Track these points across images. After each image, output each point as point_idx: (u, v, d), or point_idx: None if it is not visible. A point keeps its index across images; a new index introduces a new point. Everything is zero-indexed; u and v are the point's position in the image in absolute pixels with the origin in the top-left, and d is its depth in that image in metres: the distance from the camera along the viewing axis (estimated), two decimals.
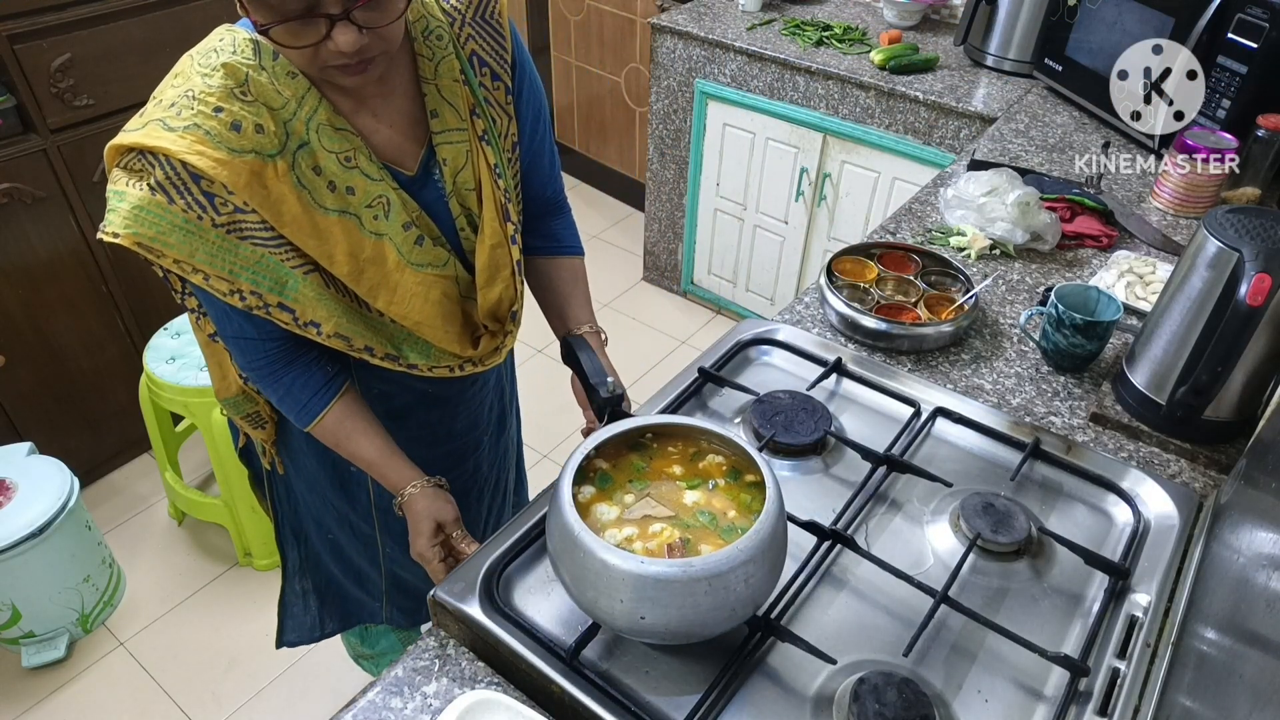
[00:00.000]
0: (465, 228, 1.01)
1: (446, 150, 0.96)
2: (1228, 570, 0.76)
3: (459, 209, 1.00)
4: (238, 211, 0.85)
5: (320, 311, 0.93)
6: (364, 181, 0.90)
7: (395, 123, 0.94)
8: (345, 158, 0.89)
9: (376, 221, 0.92)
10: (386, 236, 0.93)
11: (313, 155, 0.87)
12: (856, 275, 1.32)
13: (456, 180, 0.98)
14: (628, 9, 3.11)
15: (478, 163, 0.98)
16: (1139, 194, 1.66)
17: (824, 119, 2.33)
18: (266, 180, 0.85)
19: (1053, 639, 0.84)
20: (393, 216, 0.93)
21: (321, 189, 0.88)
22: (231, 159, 0.83)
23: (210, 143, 0.82)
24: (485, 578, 0.86)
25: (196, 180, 0.83)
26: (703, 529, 0.79)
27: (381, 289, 0.95)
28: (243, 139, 0.83)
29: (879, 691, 0.75)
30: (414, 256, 0.96)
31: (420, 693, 0.80)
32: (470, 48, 0.96)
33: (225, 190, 0.83)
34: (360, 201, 0.91)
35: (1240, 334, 0.95)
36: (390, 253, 0.94)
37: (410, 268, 0.96)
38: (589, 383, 1.04)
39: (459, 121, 0.96)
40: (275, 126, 0.85)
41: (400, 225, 0.94)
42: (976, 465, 1.04)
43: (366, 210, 0.91)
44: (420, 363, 1.04)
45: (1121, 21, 1.78)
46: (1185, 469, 1.06)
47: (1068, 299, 1.17)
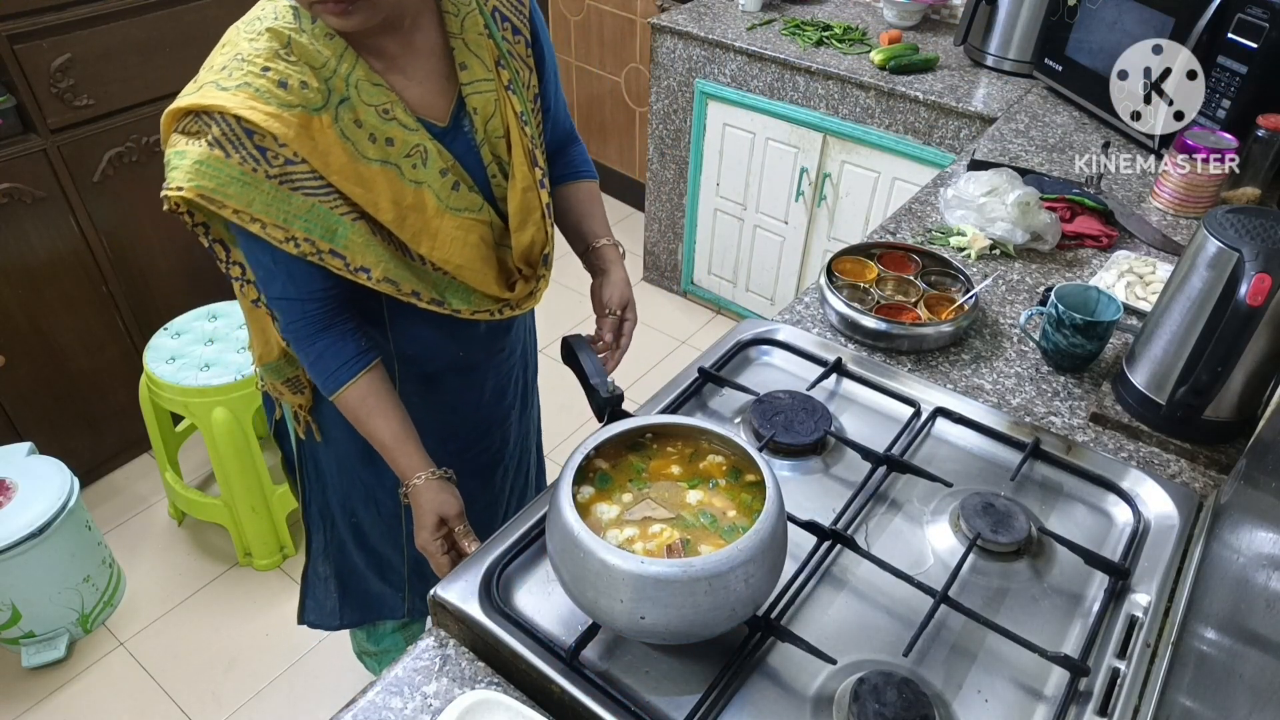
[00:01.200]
0: (497, 174, 1.06)
1: (476, 100, 1.01)
2: (1228, 570, 0.76)
3: (490, 156, 1.04)
4: (288, 163, 0.90)
5: (370, 257, 0.98)
6: (402, 132, 0.95)
7: (426, 79, 0.99)
8: (383, 110, 0.94)
9: (415, 170, 0.97)
10: (425, 184, 0.98)
11: (353, 109, 0.93)
12: (856, 275, 1.32)
13: (487, 128, 1.03)
14: (628, 9, 3.11)
15: (505, 111, 1.03)
16: (1139, 194, 1.66)
17: (824, 119, 2.33)
18: (313, 132, 0.91)
19: (1053, 639, 0.84)
20: (430, 165, 0.98)
21: (363, 140, 0.94)
22: (281, 113, 0.88)
23: (260, 99, 0.88)
24: (485, 578, 0.86)
25: (250, 135, 0.88)
26: (703, 529, 0.79)
27: (424, 235, 1.00)
28: (290, 95, 0.89)
29: (879, 691, 0.75)
30: (452, 202, 1.01)
31: (420, 693, 0.80)
32: (492, 4, 1.03)
33: (276, 143, 0.89)
34: (399, 152, 0.96)
35: (1240, 334, 0.95)
36: (430, 199, 0.99)
37: (449, 213, 1.01)
38: (589, 383, 1.04)
39: (486, 73, 1.02)
40: (318, 83, 0.91)
41: (438, 172, 0.99)
42: (976, 465, 1.04)
43: (405, 160, 0.96)
44: (463, 307, 1.08)
45: (1121, 21, 1.78)
46: (1185, 469, 1.06)
47: (1068, 299, 1.17)
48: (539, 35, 1.08)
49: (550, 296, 3.56)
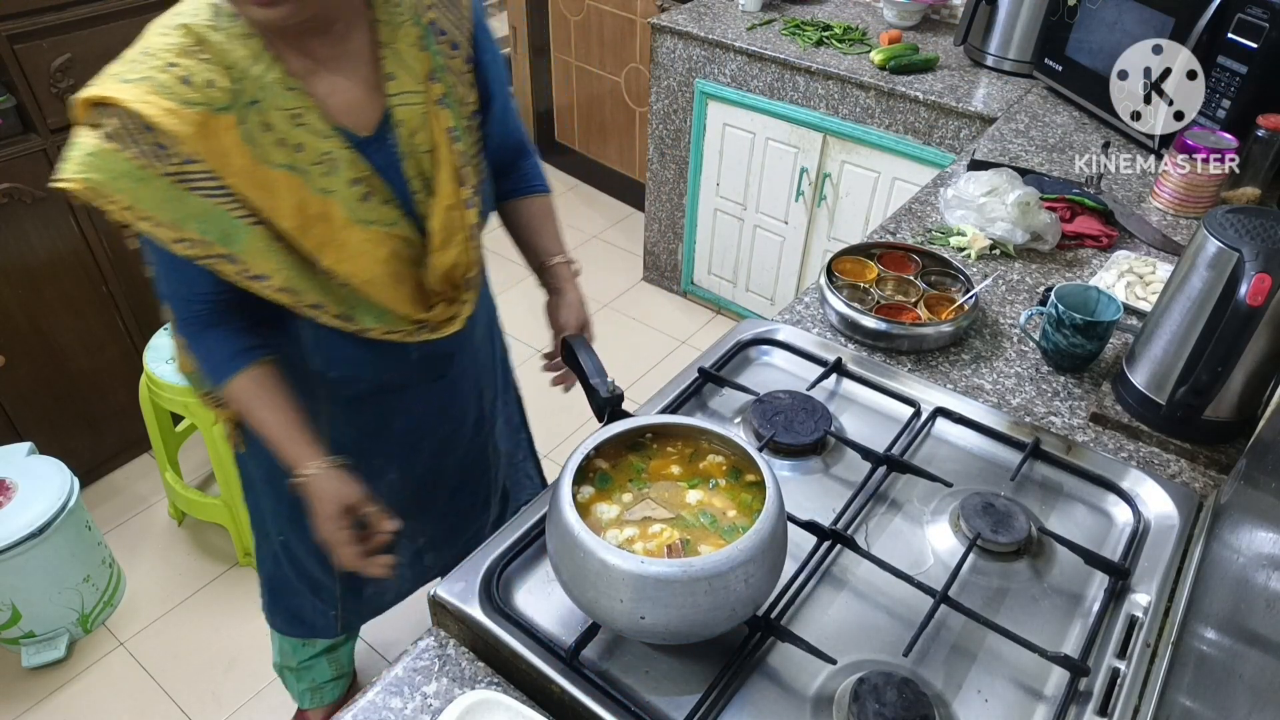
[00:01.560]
0: (419, 190, 1.02)
1: (402, 112, 0.98)
2: (1228, 570, 0.76)
3: (414, 170, 1.01)
4: (186, 162, 0.87)
5: (269, 263, 0.95)
6: (312, 139, 0.93)
7: (352, 86, 0.96)
8: (294, 115, 0.91)
9: (324, 179, 0.94)
10: (334, 194, 0.95)
11: (263, 112, 0.90)
12: (856, 275, 1.32)
13: (412, 142, 0.99)
14: (628, 9, 3.11)
15: (434, 126, 1.00)
16: (1139, 194, 1.66)
17: (824, 119, 2.33)
18: (213, 132, 0.87)
19: (1053, 639, 0.84)
20: (339, 174, 0.95)
21: (270, 144, 0.91)
22: (179, 109, 0.85)
23: (160, 94, 0.85)
24: (485, 578, 0.86)
25: (148, 130, 0.86)
26: (703, 529, 0.79)
27: (329, 245, 0.97)
28: (192, 92, 0.86)
29: (879, 691, 0.75)
30: (361, 213, 0.97)
31: (420, 693, 0.80)
32: (430, 16, 1.00)
33: (173, 141, 0.86)
34: (308, 158, 0.93)
35: (1240, 334, 0.95)
36: (337, 209, 0.95)
37: (357, 225, 0.97)
38: (589, 383, 1.04)
39: (416, 84, 0.99)
40: (228, 83, 0.88)
41: (347, 182, 0.95)
42: (976, 465, 1.04)
43: (315, 167, 0.93)
44: (374, 325, 1.05)
45: (1121, 21, 1.78)
46: (1185, 469, 1.06)
47: (1068, 299, 1.17)
48: (482, 50, 1.05)
49: None
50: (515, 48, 3.68)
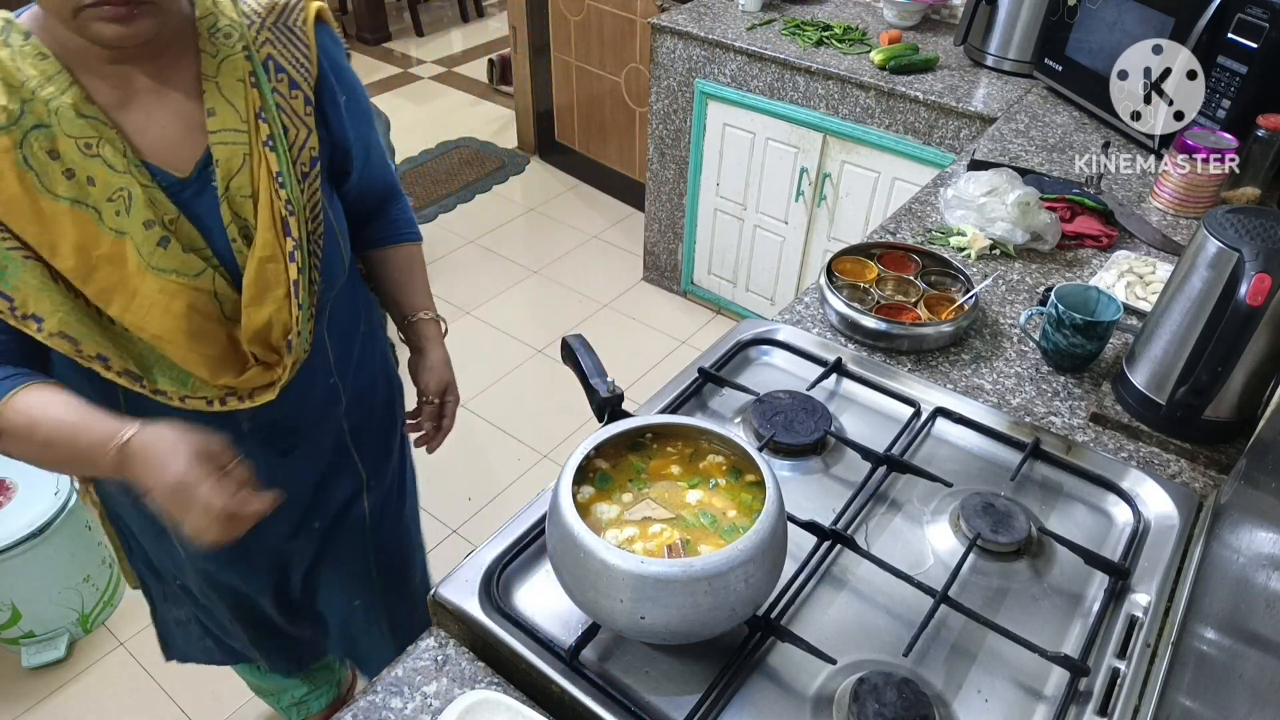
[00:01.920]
0: (238, 238, 0.92)
1: (220, 150, 0.90)
2: (1228, 570, 0.76)
3: (230, 216, 0.91)
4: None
5: (44, 304, 0.85)
6: (106, 172, 0.84)
7: (171, 120, 0.89)
8: (86, 144, 0.83)
9: (119, 218, 0.85)
10: (128, 235, 0.85)
11: (50, 138, 0.82)
12: (856, 275, 1.32)
13: (230, 185, 0.90)
14: (628, 9, 3.11)
15: (257, 169, 0.91)
16: (1139, 194, 1.66)
17: (824, 119, 2.33)
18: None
19: (1053, 639, 0.84)
20: (134, 213, 0.85)
21: (55, 174, 0.82)
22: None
23: None
24: (485, 578, 0.86)
25: None
26: (703, 529, 0.79)
27: (117, 293, 0.87)
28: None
29: (879, 691, 0.75)
30: (156, 260, 0.87)
31: (420, 693, 0.80)
32: (266, 52, 0.92)
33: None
34: (101, 194, 0.84)
35: (1240, 334, 0.95)
36: (130, 253, 0.86)
37: (151, 272, 0.87)
38: (589, 383, 1.04)
39: (239, 123, 0.90)
40: (10, 104, 0.80)
41: (141, 224, 0.86)
42: (976, 465, 1.04)
43: (108, 204, 0.84)
44: (170, 389, 0.94)
45: (1121, 21, 1.78)
46: (1185, 469, 1.06)
47: (1068, 299, 1.17)
48: (332, 91, 0.97)
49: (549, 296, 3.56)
50: (515, 48, 3.68)
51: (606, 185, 3.69)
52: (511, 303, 3.12)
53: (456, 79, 4.84)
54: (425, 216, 3.54)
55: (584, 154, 3.69)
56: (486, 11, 5.71)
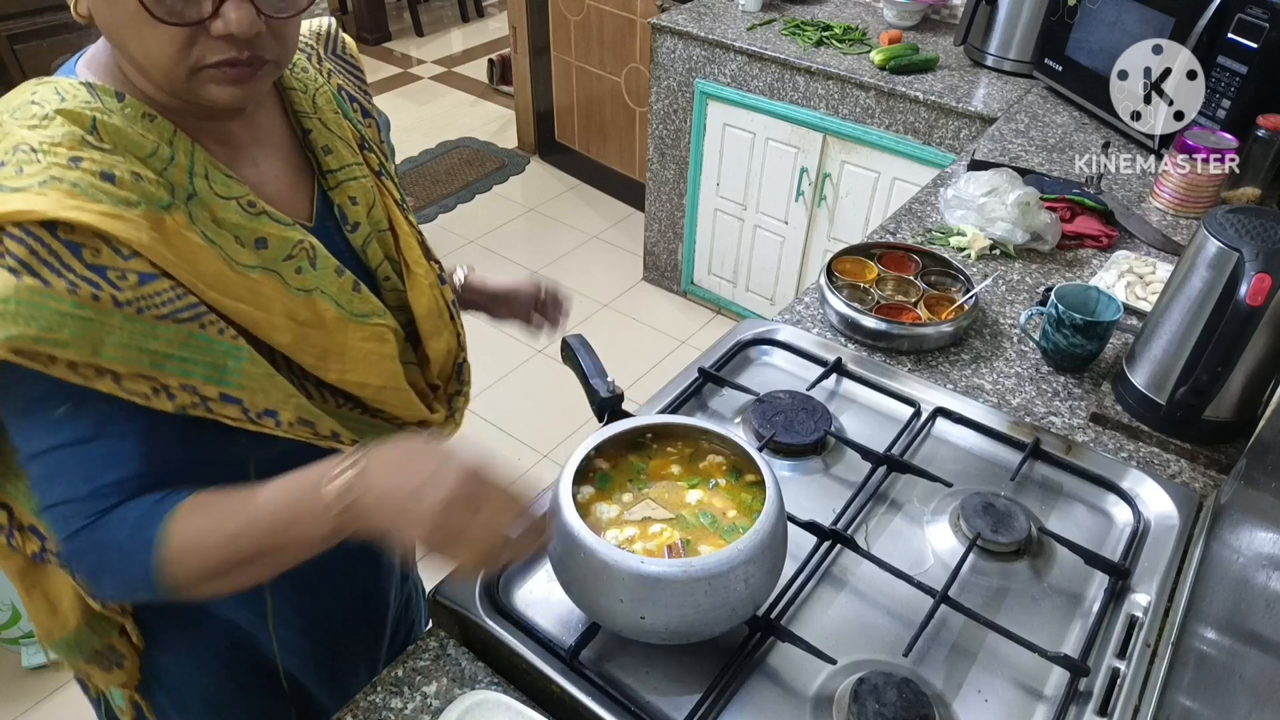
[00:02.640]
0: (391, 275, 0.84)
1: (354, 188, 0.81)
2: (1228, 570, 0.76)
3: (379, 256, 0.82)
4: (144, 280, 0.63)
5: (275, 395, 0.72)
6: (276, 229, 0.72)
7: (279, 170, 0.78)
8: (248, 204, 0.71)
9: (301, 275, 0.74)
10: (317, 290, 0.74)
11: (207, 206, 0.69)
12: (856, 275, 1.32)
13: (370, 220, 0.82)
14: (628, 9, 3.11)
15: (386, 200, 0.85)
16: (1139, 194, 1.66)
17: (824, 119, 2.33)
18: (169, 235, 0.65)
19: (1053, 639, 0.84)
20: (320, 264, 0.75)
21: (231, 243, 0.70)
22: (122, 212, 0.62)
23: (84, 196, 0.61)
24: (485, 578, 0.86)
25: (76, 250, 0.61)
26: (703, 529, 0.79)
27: (332, 356, 0.76)
28: (122, 190, 0.63)
29: (879, 691, 0.75)
30: (355, 306, 0.77)
31: (420, 693, 0.80)
32: (336, 81, 0.86)
33: (120, 256, 0.62)
34: (277, 254, 0.72)
35: (1240, 334, 0.95)
36: (327, 309, 0.75)
37: (354, 322, 0.77)
38: (589, 383, 1.04)
39: (354, 156, 0.82)
40: (154, 175, 0.66)
41: (333, 272, 0.76)
42: (976, 465, 1.04)
43: (286, 264, 0.73)
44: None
45: (1121, 21, 1.78)
46: (1185, 469, 1.06)
47: (1068, 299, 1.17)
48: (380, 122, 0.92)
49: None
50: (515, 48, 3.68)
51: (606, 185, 3.69)
52: None
53: (456, 79, 4.84)
54: (425, 216, 3.54)
55: (584, 154, 3.69)
56: (486, 11, 5.72)
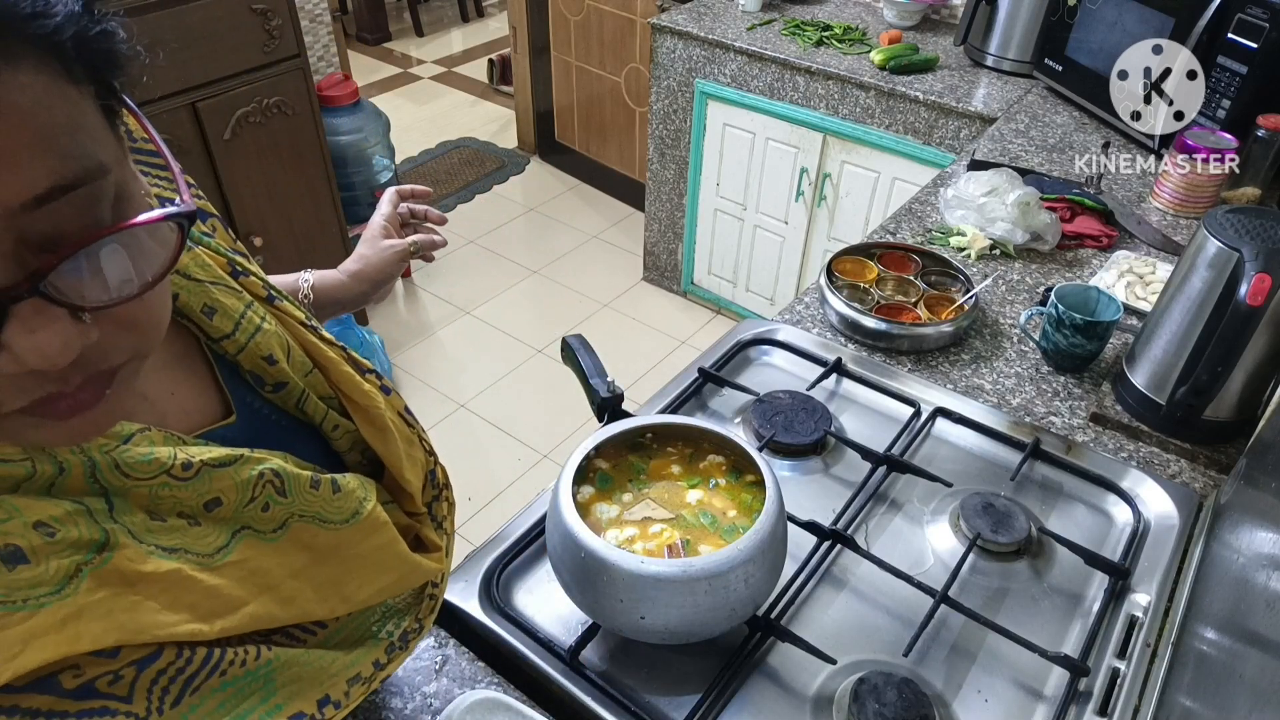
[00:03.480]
0: (339, 420, 0.63)
1: (269, 341, 0.58)
2: (1228, 570, 0.76)
3: (320, 409, 0.62)
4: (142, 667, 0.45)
5: (320, 677, 0.56)
6: (226, 476, 0.51)
7: (165, 377, 0.56)
8: (183, 466, 0.49)
9: (270, 513, 0.53)
10: (294, 518, 0.54)
11: (130, 504, 0.47)
12: (856, 275, 1.32)
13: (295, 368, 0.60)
14: (628, 9, 3.11)
15: (295, 331, 0.62)
16: (1139, 194, 1.66)
17: (824, 119, 2.33)
18: (135, 583, 0.45)
19: (1053, 639, 0.84)
20: (290, 487, 0.54)
21: (187, 535, 0.49)
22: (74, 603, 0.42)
23: (21, 617, 0.40)
24: (485, 578, 0.86)
25: (52, 687, 0.42)
26: (703, 529, 0.79)
27: (342, 585, 0.58)
28: (42, 562, 0.41)
29: (879, 691, 0.75)
30: (340, 510, 0.57)
31: (420, 692, 0.80)
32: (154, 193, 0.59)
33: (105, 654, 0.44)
34: (237, 507, 0.51)
35: (1240, 334, 0.95)
36: (314, 534, 0.56)
37: (347, 528, 0.57)
38: (589, 383, 1.04)
39: (238, 299, 0.58)
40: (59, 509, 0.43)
41: (308, 487, 0.55)
42: (976, 465, 1.04)
43: (250, 510, 0.52)
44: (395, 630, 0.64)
45: (1121, 21, 1.78)
46: (1185, 469, 1.06)
47: (1068, 299, 1.17)
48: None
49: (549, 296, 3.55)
50: (515, 48, 3.68)
51: (606, 185, 3.69)
52: (511, 303, 3.12)
53: (456, 79, 4.84)
54: None
55: (584, 154, 3.69)
56: (486, 11, 5.72)
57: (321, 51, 2.99)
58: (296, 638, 0.57)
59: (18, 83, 0.34)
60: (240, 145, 2.24)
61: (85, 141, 0.37)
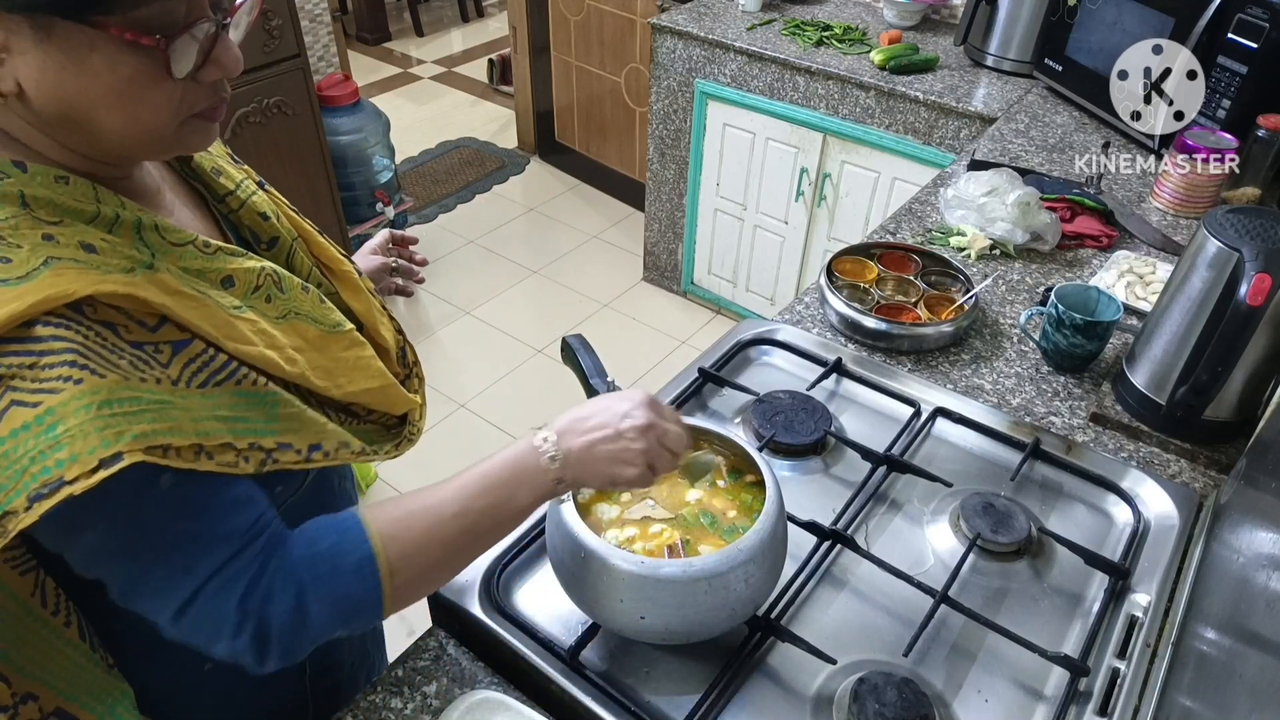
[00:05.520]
0: (322, 280, 0.79)
1: (259, 202, 0.75)
2: (1227, 570, 0.76)
3: (306, 264, 0.77)
4: (178, 349, 0.59)
5: (313, 427, 0.68)
6: (237, 263, 0.66)
7: (187, 196, 0.73)
8: (204, 244, 0.65)
9: (272, 303, 0.68)
10: (291, 313, 0.70)
11: (169, 258, 0.62)
12: (856, 275, 1.32)
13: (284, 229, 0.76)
14: (628, 9, 3.11)
15: (282, 206, 0.79)
16: (1139, 194, 1.66)
17: (824, 119, 2.33)
18: (174, 293, 0.60)
19: (1053, 639, 0.84)
20: (286, 286, 0.70)
21: (211, 289, 0.64)
22: (135, 279, 0.57)
23: (92, 269, 0.56)
24: (485, 578, 0.86)
25: (115, 330, 0.57)
26: (703, 529, 0.79)
27: (332, 373, 0.72)
28: (111, 256, 0.57)
29: (879, 691, 0.75)
30: (327, 318, 0.73)
31: (420, 693, 0.80)
32: None
33: (146, 329, 0.58)
34: (245, 288, 0.66)
35: (1240, 334, 0.95)
36: (307, 329, 0.71)
37: (333, 335, 0.73)
38: (589, 383, 1.04)
39: (238, 170, 0.77)
40: (117, 238, 0.59)
41: (299, 289, 0.71)
42: (976, 465, 1.04)
43: (256, 296, 0.67)
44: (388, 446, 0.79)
45: (1121, 21, 1.78)
46: (1185, 469, 1.06)
47: (1068, 299, 1.17)
48: None
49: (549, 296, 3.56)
50: (515, 48, 3.68)
51: (606, 185, 3.69)
52: (511, 303, 3.12)
53: (456, 79, 4.84)
54: (425, 216, 3.54)
55: (584, 154, 3.69)
56: (486, 11, 5.72)
57: (321, 51, 2.99)
58: (302, 396, 0.69)
59: None
60: (240, 145, 2.24)
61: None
